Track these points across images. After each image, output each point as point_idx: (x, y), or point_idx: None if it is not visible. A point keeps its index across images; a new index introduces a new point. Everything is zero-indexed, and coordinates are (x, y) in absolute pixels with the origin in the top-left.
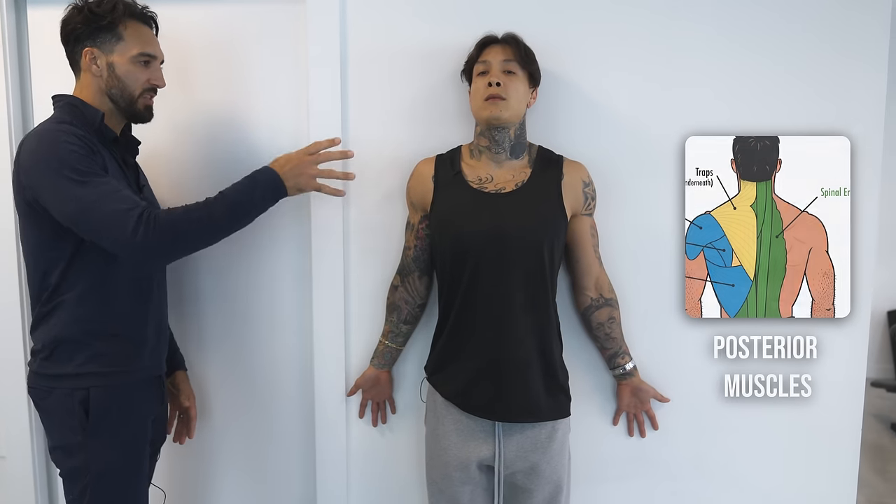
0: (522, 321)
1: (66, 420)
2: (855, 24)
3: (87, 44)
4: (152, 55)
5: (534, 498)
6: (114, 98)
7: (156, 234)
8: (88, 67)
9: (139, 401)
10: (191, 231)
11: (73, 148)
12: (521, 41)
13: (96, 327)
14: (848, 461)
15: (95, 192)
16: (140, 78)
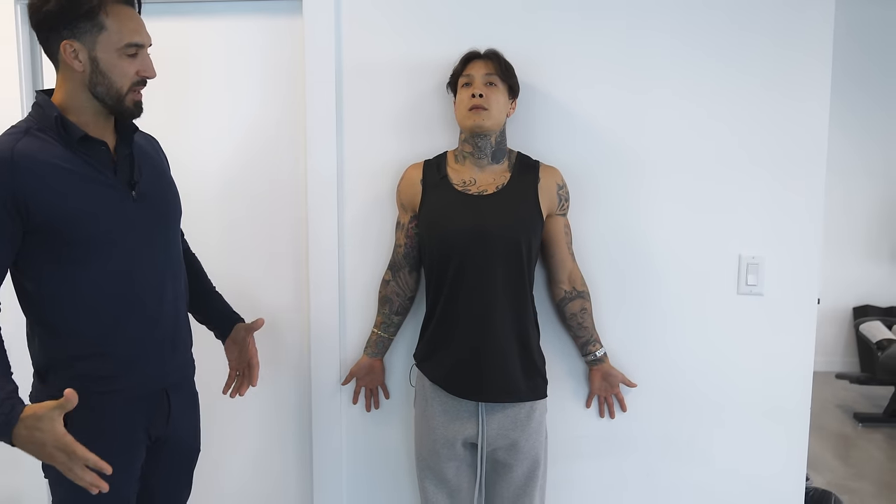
0: (502, 311)
1: None
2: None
3: (64, 34)
4: (140, 44)
5: (514, 472)
6: (99, 96)
7: None
8: (69, 63)
9: (128, 422)
10: None
11: None
12: (501, 56)
13: (78, 351)
14: (798, 436)
15: None
16: (128, 72)
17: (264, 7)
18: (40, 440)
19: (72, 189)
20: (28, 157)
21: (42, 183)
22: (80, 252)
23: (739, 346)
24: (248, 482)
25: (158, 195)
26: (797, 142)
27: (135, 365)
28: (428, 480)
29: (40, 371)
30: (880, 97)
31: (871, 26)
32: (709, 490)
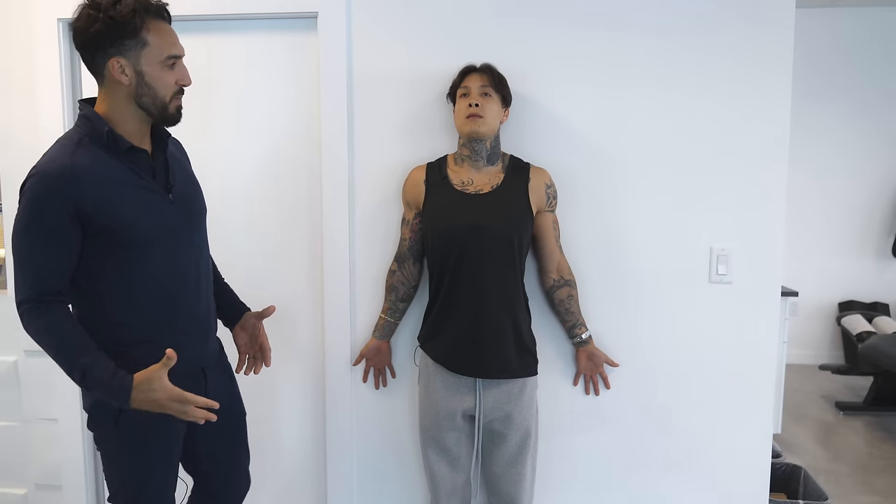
0: (497, 298)
1: (102, 411)
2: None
3: (110, 52)
4: (178, 55)
5: (508, 441)
6: (144, 106)
7: (24, 323)
8: (116, 78)
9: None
10: (41, 342)
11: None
12: (495, 70)
13: (128, 339)
14: (763, 409)
15: (21, 253)
16: (170, 81)
17: (283, 25)
18: (155, 398)
19: (122, 196)
20: (84, 167)
21: (98, 191)
22: (131, 252)
23: (711, 329)
24: (268, 451)
25: (189, 196)
26: (761, 143)
27: (179, 351)
28: (431, 449)
29: None
30: (863, 98)
31: (860, 29)
32: (684, 460)
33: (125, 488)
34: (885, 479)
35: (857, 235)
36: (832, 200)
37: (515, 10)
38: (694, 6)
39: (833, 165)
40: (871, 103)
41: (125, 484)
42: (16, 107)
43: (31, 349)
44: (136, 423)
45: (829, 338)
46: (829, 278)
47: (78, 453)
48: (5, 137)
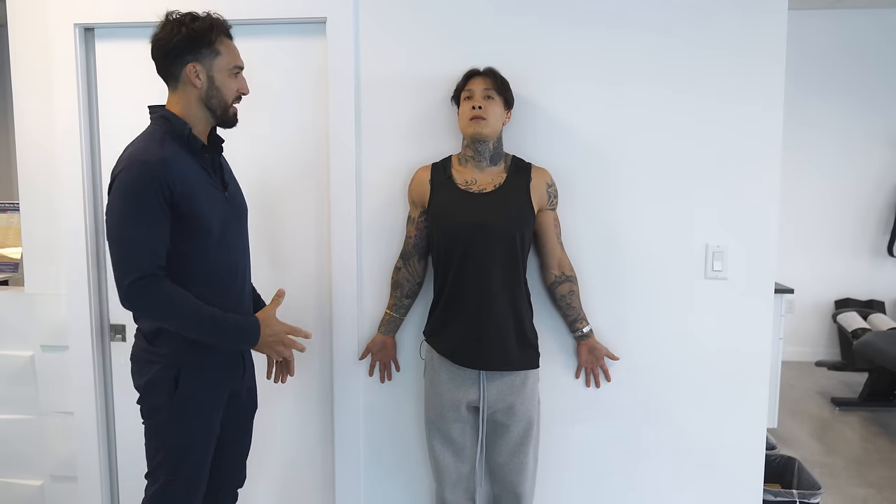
0: (500, 293)
1: (158, 386)
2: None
3: (188, 59)
4: (242, 67)
5: (510, 432)
6: (211, 107)
7: (138, 301)
8: (190, 80)
9: (219, 377)
10: (163, 314)
11: (141, 188)
12: (498, 73)
13: None
14: (758, 401)
15: (126, 235)
16: (232, 87)
17: (292, 30)
18: (275, 331)
19: (198, 189)
20: (172, 160)
21: (184, 182)
22: (203, 240)
23: (707, 324)
24: (277, 442)
25: (238, 196)
26: (756, 140)
27: None
28: (436, 440)
29: (149, 334)
30: (859, 98)
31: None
32: (681, 451)
33: (168, 461)
34: (878, 471)
35: (854, 234)
36: (829, 199)
37: (517, 10)
38: (689, 4)
39: (830, 164)
40: (868, 103)
41: (169, 456)
42: (33, 110)
43: (47, 344)
44: (189, 395)
45: (825, 335)
46: (825, 276)
47: (93, 445)
48: (23, 140)
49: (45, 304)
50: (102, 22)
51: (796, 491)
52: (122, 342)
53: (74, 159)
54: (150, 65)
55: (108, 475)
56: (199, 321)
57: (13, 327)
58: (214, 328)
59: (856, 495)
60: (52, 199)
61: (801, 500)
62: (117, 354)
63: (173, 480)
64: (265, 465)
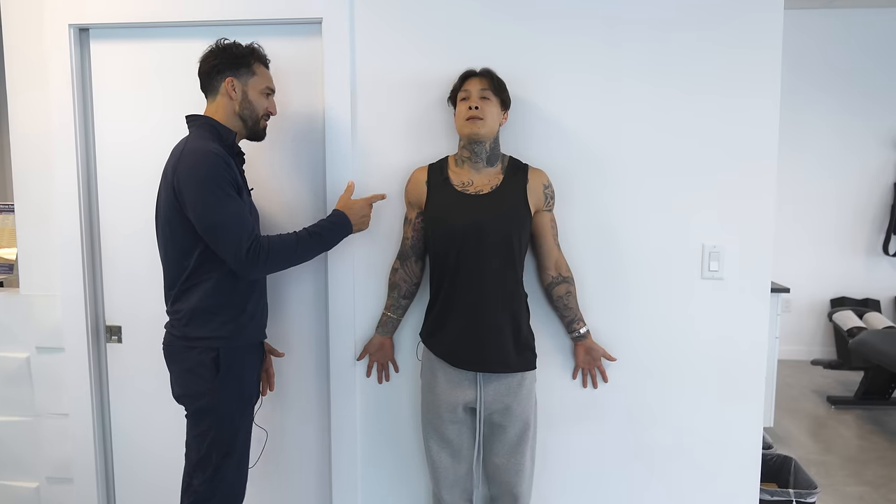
0: (496, 294)
1: (199, 371)
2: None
3: (227, 74)
4: (273, 90)
5: (507, 433)
6: (244, 118)
7: (259, 261)
8: (227, 92)
9: (252, 359)
10: (282, 259)
11: (219, 172)
12: (494, 74)
13: (224, 301)
14: (754, 403)
15: (225, 214)
16: (263, 104)
17: (288, 31)
18: (359, 207)
19: (242, 188)
20: (226, 157)
21: (236, 181)
22: None
23: (704, 324)
24: (274, 443)
25: (253, 204)
26: (752, 143)
27: (254, 321)
28: (433, 441)
29: (182, 321)
30: (855, 98)
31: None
32: (677, 451)
33: (220, 442)
34: (874, 469)
35: (849, 233)
36: (825, 198)
37: (513, 10)
38: (685, 3)
39: (826, 163)
40: (864, 102)
41: (220, 437)
42: (28, 111)
43: (43, 346)
44: (231, 374)
45: (820, 333)
46: (821, 275)
47: (89, 447)
48: (18, 141)
49: (41, 305)
50: (97, 22)
51: (793, 490)
52: (118, 343)
53: (69, 160)
54: (146, 65)
55: (105, 477)
56: (308, 246)
57: (8, 329)
58: (321, 241)
59: (851, 494)
60: (47, 199)
61: (797, 499)
62: (113, 356)
63: (226, 461)
64: (261, 466)
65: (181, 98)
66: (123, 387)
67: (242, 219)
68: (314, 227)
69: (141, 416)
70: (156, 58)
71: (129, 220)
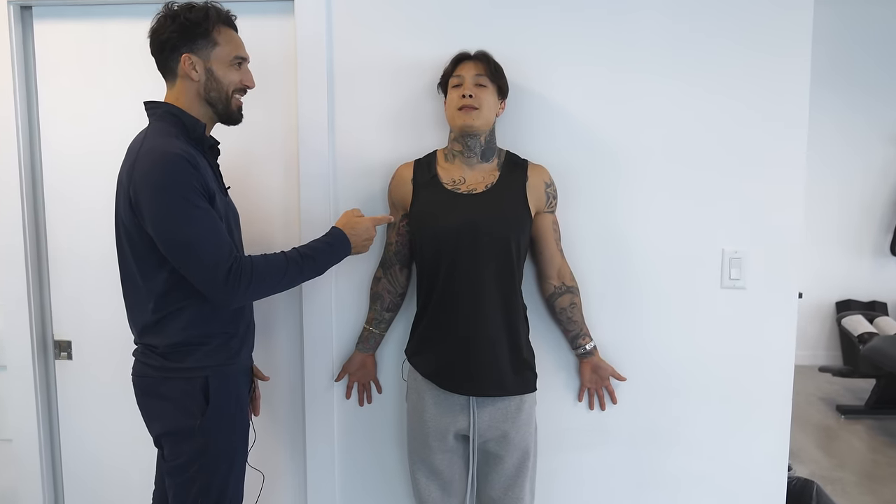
0: (492, 308)
1: (185, 404)
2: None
3: (183, 51)
4: (244, 58)
5: (504, 463)
6: (212, 101)
7: (240, 288)
8: (187, 73)
9: (241, 386)
10: (268, 285)
11: (183, 178)
12: (491, 58)
13: (213, 331)
14: (780, 425)
15: (194, 230)
16: (234, 79)
17: (254, 9)
18: (364, 227)
19: (215, 189)
20: (194, 155)
21: (206, 179)
22: None
23: (723, 339)
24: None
25: (231, 204)
26: (778, 138)
27: (245, 344)
28: (420, 472)
29: (162, 348)
30: (859, 97)
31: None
32: (695, 478)
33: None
34: (891, 487)
35: (856, 234)
36: (830, 198)
37: None
38: None
39: (831, 162)
40: (868, 101)
41: (211, 482)
42: None
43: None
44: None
45: (825, 337)
46: (825, 277)
47: (35, 475)
48: None
49: None
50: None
51: None
52: (68, 360)
53: (11, 155)
54: (99, 48)
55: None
56: (299, 269)
57: None
58: (313, 265)
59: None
60: None
61: None
62: (63, 374)
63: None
64: None
65: (141, 84)
66: (74, 408)
67: (218, 235)
68: (307, 248)
69: (95, 440)
70: (110, 39)
71: (80, 222)
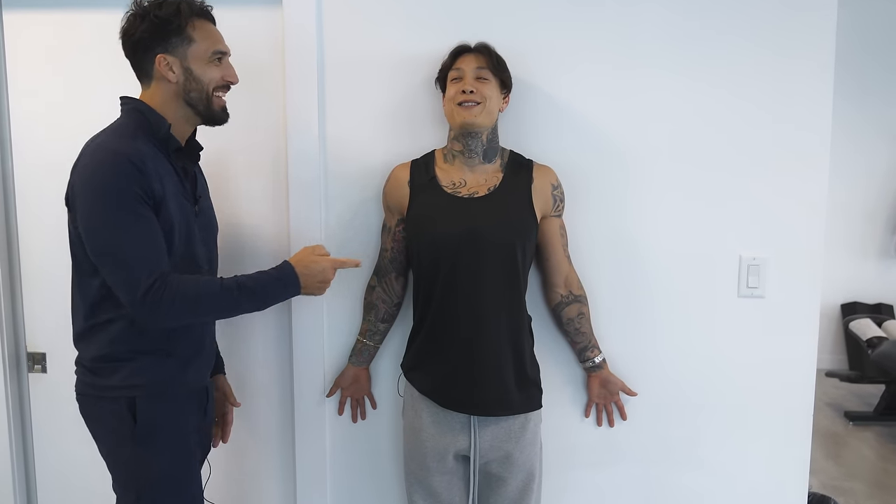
0: (495, 319)
1: (117, 428)
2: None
3: (157, 51)
4: (225, 52)
5: (508, 485)
6: (192, 102)
7: (160, 308)
8: (163, 75)
9: (184, 411)
10: (193, 310)
11: (124, 181)
12: (492, 50)
13: (145, 346)
14: (801, 443)
15: (121, 239)
16: (214, 76)
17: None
18: (321, 268)
19: (171, 195)
20: (147, 154)
21: (158, 185)
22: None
23: (740, 351)
24: (228, 500)
25: (208, 213)
26: (800, 138)
27: (192, 364)
28: (417, 495)
29: (90, 363)
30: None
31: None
32: (710, 498)
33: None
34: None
35: (859, 235)
36: (835, 199)
37: None
38: None
39: (835, 162)
40: (871, 102)
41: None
42: None
43: None
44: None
45: (830, 341)
46: (830, 279)
47: (8, 493)
48: None
49: None
50: None
51: None
52: (42, 373)
53: None
54: (71, 40)
55: None
56: (233, 300)
57: None
58: (252, 298)
59: None
60: None
61: None
62: (37, 387)
63: None
64: None
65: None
66: (49, 423)
67: (146, 248)
68: (248, 279)
69: (71, 457)
70: (86, 32)
71: (54, 228)
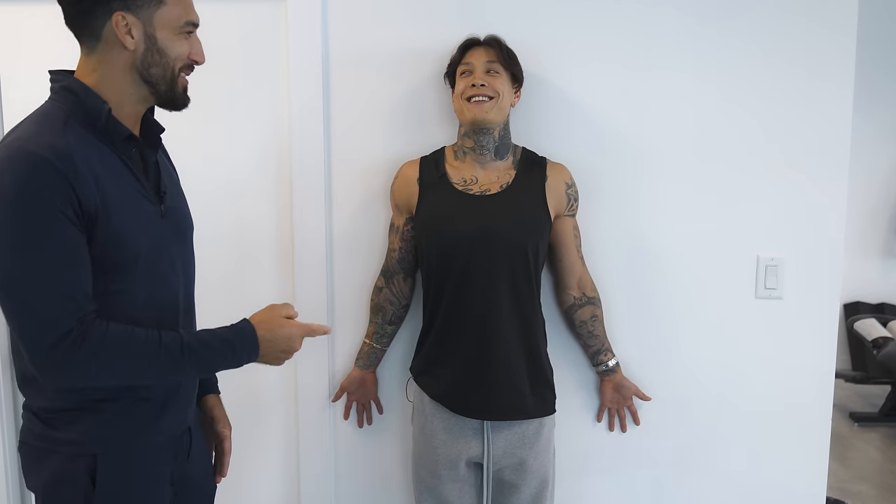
0: (508, 321)
1: (65, 487)
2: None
3: (115, 7)
4: (196, 23)
5: (521, 492)
6: (151, 79)
7: (76, 362)
8: (119, 39)
9: (157, 462)
10: (121, 367)
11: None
12: (503, 43)
13: (108, 393)
14: (819, 449)
15: (30, 269)
16: (182, 52)
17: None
18: (287, 334)
19: (120, 200)
20: (80, 153)
21: (96, 189)
22: (125, 276)
23: (757, 354)
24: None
25: (180, 208)
26: (820, 136)
27: (169, 408)
28: (427, 503)
29: (42, 412)
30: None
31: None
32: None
33: None
34: None
35: (862, 235)
36: None
37: None
38: None
39: None
40: (874, 101)
41: None
42: None
43: None
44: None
45: None
46: None
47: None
48: None
49: None
50: None
51: None
52: None
53: None
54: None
55: None
56: (170, 361)
57: None
58: (197, 361)
59: None
60: None
61: None
62: None
63: None
64: None
65: None
66: None
67: (61, 281)
68: (195, 339)
69: None
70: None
71: None
